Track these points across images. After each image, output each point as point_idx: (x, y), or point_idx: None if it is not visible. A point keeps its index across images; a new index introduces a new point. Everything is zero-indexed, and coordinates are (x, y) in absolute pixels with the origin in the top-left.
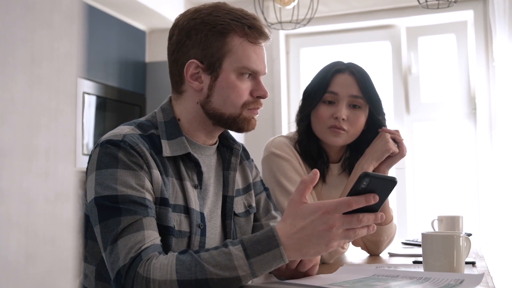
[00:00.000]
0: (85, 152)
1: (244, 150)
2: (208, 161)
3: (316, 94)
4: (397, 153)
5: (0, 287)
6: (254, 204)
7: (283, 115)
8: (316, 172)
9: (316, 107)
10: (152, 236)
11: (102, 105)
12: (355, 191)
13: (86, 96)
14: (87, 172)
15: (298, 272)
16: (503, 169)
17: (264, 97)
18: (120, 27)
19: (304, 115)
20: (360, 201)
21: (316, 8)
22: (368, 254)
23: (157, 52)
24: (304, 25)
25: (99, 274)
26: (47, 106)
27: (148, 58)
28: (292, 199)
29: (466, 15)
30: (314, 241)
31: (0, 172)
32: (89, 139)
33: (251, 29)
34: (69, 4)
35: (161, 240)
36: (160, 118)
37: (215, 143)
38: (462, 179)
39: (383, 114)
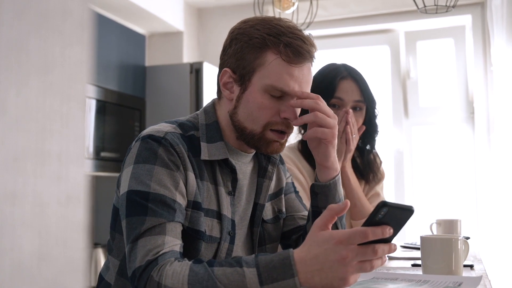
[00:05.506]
0: (86, 155)
1: (280, 156)
2: (245, 169)
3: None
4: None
5: (15, 287)
6: (283, 209)
7: None
8: (347, 203)
9: None
10: (172, 242)
11: (101, 109)
12: (371, 221)
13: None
14: (124, 164)
15: None
16: (501, 172)
17: (290, 119)
18: (120, 31)
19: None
20: (376, 233)
21: (315, 12)
22: None
23: (157, 56)
24: (304, 29)
25: (121, 270)
26: (59, 112)
27: (148, 62)
28: (315, 223)
29: (464, 20)
30: (326, 271)
31: (14, 176)
32: (89, 143)
33: (287, 48)
34: (80, 12)
35: (191, 244)
36: (202, 120)
37: (253, 151)
38: (460, 183)
39: (376, 113)
